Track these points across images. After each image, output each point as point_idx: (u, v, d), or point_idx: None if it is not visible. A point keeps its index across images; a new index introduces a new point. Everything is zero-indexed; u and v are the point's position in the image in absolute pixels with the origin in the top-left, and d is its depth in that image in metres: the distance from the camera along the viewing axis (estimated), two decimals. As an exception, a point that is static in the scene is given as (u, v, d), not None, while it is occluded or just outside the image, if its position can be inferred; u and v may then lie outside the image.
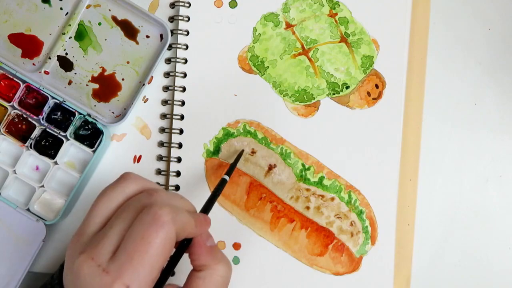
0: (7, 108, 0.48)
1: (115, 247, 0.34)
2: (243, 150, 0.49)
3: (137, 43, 0.49)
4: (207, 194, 0.49)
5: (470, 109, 0.52)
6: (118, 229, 0.35)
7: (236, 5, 0.50)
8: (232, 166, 0.47)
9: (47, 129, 0.48)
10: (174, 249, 0.37)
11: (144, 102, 0.50)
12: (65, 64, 0.49)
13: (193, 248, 0.38)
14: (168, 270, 0.37)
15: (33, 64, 0.49)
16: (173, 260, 0.37)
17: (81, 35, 0.49)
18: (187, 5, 0.50)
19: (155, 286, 0.35)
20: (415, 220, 0.50)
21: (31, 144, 0.48)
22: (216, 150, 0.50)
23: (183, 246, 0.38)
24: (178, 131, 0.49)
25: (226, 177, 0.45)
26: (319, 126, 0.50)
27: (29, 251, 0.46)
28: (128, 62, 0.49)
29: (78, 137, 0.48)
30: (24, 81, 0.48)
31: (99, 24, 0.49)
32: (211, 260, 0.38)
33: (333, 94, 0.50)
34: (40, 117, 0.48)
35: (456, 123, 0.52)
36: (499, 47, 0.52)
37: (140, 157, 0.50)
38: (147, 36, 0.49)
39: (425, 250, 0.50)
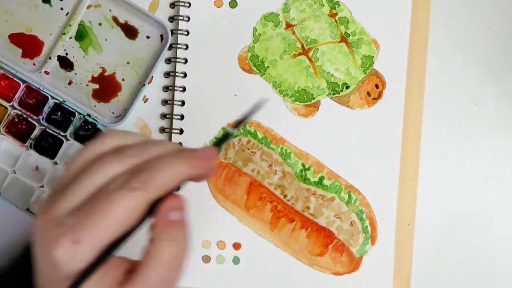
0: (7, 108, 0.48)
1: (78, 204, 0.30)
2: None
3: (137, 43, 0.49)
4: (207, 194, 0.49)
5: (470, 109, 0.52)
6: (83, 185, 0.30)
7: (236, 5, 0.50)
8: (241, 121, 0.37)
9: (47, 129, 0.48)
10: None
11: (144, 102, 0.50)
12: (65, 64, 0.49)
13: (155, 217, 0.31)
14: (123, 237, 0.30)
15: (33, 64, 0.49)
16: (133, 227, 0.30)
17: (81, 35, 0.49)
18: (187, 5, 0.50)
19: (107, 250, 0.30)
20: (415, 220, 0.50)
21: (31, 144, 0.48)
22: (216, 150, 0.50)
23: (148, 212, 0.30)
24: (178, 131, 0.49)
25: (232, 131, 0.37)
26: (319, 126, 0.50)
27: (29, 251, 0.46)
28: (128, 63, 0.49)
29: (78, 137, 0.48)
30: (24, 81, 0.48)
31: (100, 24, 0.49)
32: (162, 234, 0.30)
33: (333, 94, 0.50)
34: (40, 117, 0.48)
35: (456, 123, 0.51)
36: (499, 47, 0.52)
37: (140, 157, 0.50)
38: (148, 37, 0.49)
39: (425, 250, 0.50)
